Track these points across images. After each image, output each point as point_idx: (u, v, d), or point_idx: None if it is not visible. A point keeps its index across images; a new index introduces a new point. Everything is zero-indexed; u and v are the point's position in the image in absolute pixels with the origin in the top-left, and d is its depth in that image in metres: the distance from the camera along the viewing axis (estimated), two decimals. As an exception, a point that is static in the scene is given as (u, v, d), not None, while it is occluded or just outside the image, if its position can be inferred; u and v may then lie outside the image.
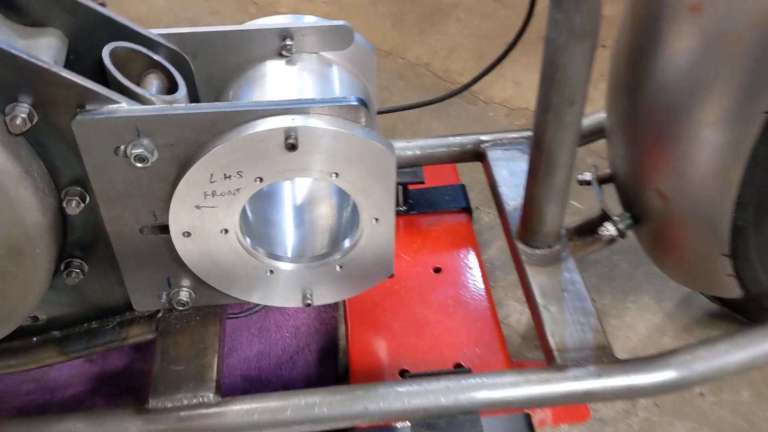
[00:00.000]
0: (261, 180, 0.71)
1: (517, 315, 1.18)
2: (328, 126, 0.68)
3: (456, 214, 1.18)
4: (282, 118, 0.68)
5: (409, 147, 1.12)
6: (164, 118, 0.67)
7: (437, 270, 1.10)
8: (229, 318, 1.12)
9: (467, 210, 1.19)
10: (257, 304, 1.14)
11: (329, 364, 1.07)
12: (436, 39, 1.91)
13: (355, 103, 0.69)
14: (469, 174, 1.35)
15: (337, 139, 0.68)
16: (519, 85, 1.72)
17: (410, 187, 1.18)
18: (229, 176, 0.70)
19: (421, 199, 1.19)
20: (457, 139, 1.13)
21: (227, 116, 0.67)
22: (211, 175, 0.70)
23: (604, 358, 0.82)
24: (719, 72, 0.68)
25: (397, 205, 1.17)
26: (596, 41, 0.73)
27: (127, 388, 1.04)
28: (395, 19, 2.00)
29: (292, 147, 0.67)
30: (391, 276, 0.82)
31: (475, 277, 1.08)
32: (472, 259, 1.11)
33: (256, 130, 0.67)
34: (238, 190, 0.71)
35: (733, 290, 0.86)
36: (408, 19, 2.00)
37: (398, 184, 1.13)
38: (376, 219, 0.76)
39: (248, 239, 0.77)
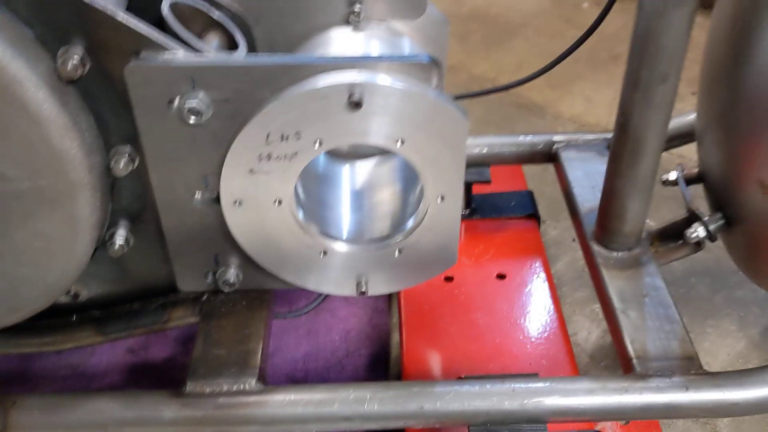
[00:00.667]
0: (320, 144, 0.65)
1: (585, 333, 1.09)
2: (397, 84, 0.62)
3: (523, 221, 1.10)
4: (347, 73, 0.62)
5: (476, 144, 1.06)
6: (221, 69, 0.62)
7: (501, 276, 1.02)
8: (276, 318, 1.06)
9: (535, 216, 1.11)
10: (306, 306, 1.08)
11: (380, 371, 1.00)
12: (503, 56, 1.86)
13: (426, 61, 0.63)
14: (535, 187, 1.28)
15: (405, 100, 0.62)
16: (590, 102, 1.65)
17: (474, 191, 1.11)
18: (287, 137, 0.64)
19: (486, 203, 1.12)
20: (528, 138, 1.06)
21: (287, 69, 0.62)
22: (268, 134, 0.64)
23: (691, 369, 0.73)
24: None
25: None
26: (695, 6, 0.66)
27: (168, 382, 0.98)
28: (460, 37, 1.96)
29: (356, 105, 0.62)
30: (454, 263, 0.75)
31: (542, 285, 0.99)
32: (538, 267, 1.03)
33: (318, 85, 0.62)
34: (295, 154, 0.66)
35: (842, 303, 0.76)
36: (474, 37, 1.96)
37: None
38: (442, 197, 0.69)
39: (303, 214, 0.71)
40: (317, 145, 0.65)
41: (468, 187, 1.09)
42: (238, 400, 0.72)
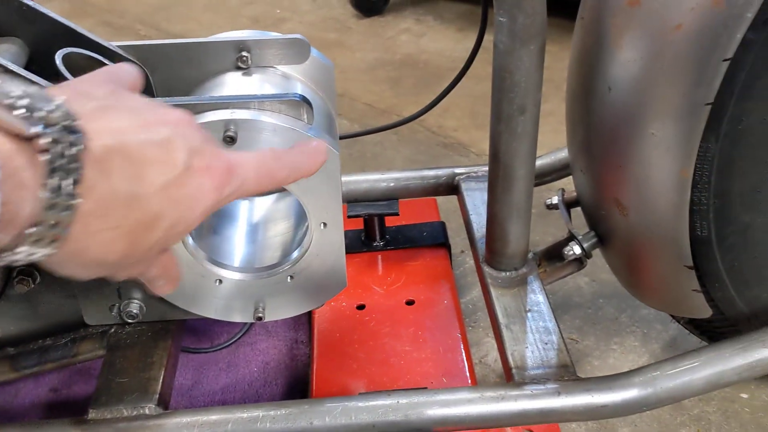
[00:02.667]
0: (203, 177, 0.70)
1: (494, 354, 1.14)
2: (268, 119, 0.68)
3: (434, 249, 1.16)
4: (221, 111, 0.68)
5: (383, 179, 1.12)
6: (106, 111, 0.68)
7: (410, 302, 1.07)
8: (196, 353, 1.09)
9: (445, 245, 1.17)
10: (227, 340, 1.12)
11: (296, 398, 1.04)
12: (431, 99, 1.94)
13: (296, 98, 0.69)
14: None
15: (277, 134, 0.68)
16: (511, 139, 1.73)
17: (389, 224, 1.17)
18: (171, 172, 0.70)
19: (399, 234, 1.18)
20: (432, 172, 1.12)
21: (168, 110, 0.68)
22: (153, 170, 0.70)
23: (565, 376, 0.78)
24: (661, 64, 0.67)
25: (375, 240, 1.16)
26: (543, 43, 0.73)
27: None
28: (393, 83, 2.05)
29: (231, 140, 0.67)
30: (344, 287, 0.80)
31: (447, 309, 1.05)
32: (446, 292, 1.08)
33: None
34: (181, 188, 0.71)
35: (702, 309, 0.82)
36: (405, 83, 2.05)
37: (373, 216, 1.12)
38: (324, 224, 0.75)
39: (196, 245, 0.76)
40: (200, 179, 0.70)
41: (381, 219, 1.15)
42: (138, 424, 0.75)
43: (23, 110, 0.38)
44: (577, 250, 0.88)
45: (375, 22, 2.43)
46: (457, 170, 1.12)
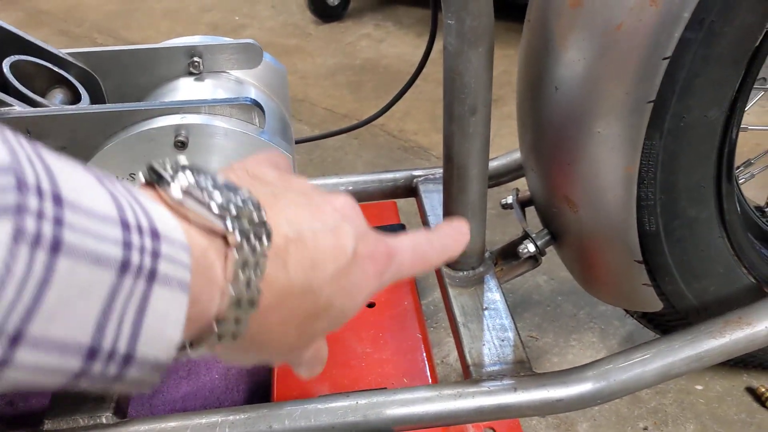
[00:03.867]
0: (155, 183, 0.70)
1: (456, 353, 1.15)
2: (219, 123, 0.68)
3: (392, 252, 1.17)
4: (172, 116, 0.68)
5: (341, 183, 1.12)
6: (54, 118, 0.67)
7: (371, 305, 1.08)
8: (158, 361, 1.09)
9: (404, 248, 1.17)
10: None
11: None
12: (392, 103, 1.95)
13: (247, 102, 0.69)
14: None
15: (228, 138, 0.69)
16: (470, 142, 1.75)
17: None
18: (121, 179, 0.69)
19: (358, 238, 1.18)
20: (390, 175, 1.13)
21: (117, 116, 0.68)
22: (104, 177, 0.69)
23: (521, 371, 0.80)
24: (604, 63, 0.69)
25: (333, 244, 1.16)
26: (491, 45, 0.75)
27: None
28: (353, 87, 2.06)
29: (182, 145, 0.68)
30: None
31: (408, 311, 1.06)
32: (407, 294, 1.09)
33: (146, 128, 0.67)
34: (133, 194, 0.71)
35: (653, 303, 0.84)
36: (365, 87, 2.06)
37: (331, 220, 1.13)
38: (279, 227, 0.75)
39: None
40: (153, 185, 0.70)
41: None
42: (94, 433, 0.75)
43: (218, 207, 0.36)
44: (532, 248, 0.89)
45: (335, 27, 2.43)
46: (415, 172, 1.13)
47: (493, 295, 0.90)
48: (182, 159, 0.39)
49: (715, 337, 0.78)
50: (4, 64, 0.73)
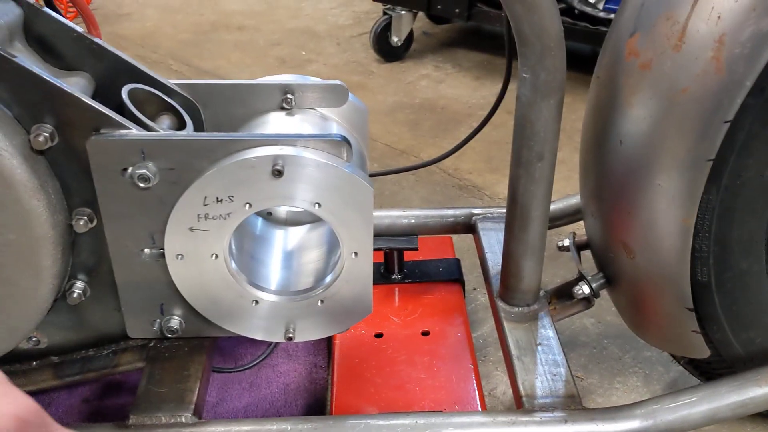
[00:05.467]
0: (250, 205, 0.78)
1: (503, 387, 1.20)
2: (312, 156, 0.75)
3: (449, 285, 1.23)
4: (271, 147, 0.76)
5: (404, 216, 1.19)
6: (166, 142, 0.76)
7: (425, 333, 1.13)
8: (221, 372, 1.16)
9: (460, 281, 1.23)
10: (251, 361, 1.18)
11: (314, 420, 1.09)
12: (449, 143, 2.03)
13: (338, 138, 0.77)
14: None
15: (319, 169, 0.76)
16: (524, 184, 1.81)
17: (407, 258, 1.24)
18: (221, 200, 0.77)
19: (417, 269, 1.25)
20: (451, 211, 1.20)
21: (222, 144, 0.76)
22: (205, 197, 0.77)
23: (572, 405, 0.84)
24: (669, 123, 0.74)
25: (393, 273, 1.23)
26: (561, 97, 0.81)
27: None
28: (411, 125, 2.14)
29: (278, 173, 0.75)
30: (370, 313, 0.87)
31: (460, 340, 1.11)
32: (459, 325, 1.14)
33: (247, 156, 0.75)
34: (228, 214, 0.78)
35: (701, 350, 0.88)
36: (423, 126, 2.14)
37: (393, 250, 1.19)
38: (356, 253, 0.82)
39: (237, 268, 0.83)
40: (247, 206, 0.78)
41: (400, 253, 1.22)
42: (175, 431, 0.81)
43: None
44: (586, 289, 0.94)
45: (396, 67, 2.53)
46: (475, 211, 1.19)
47: (546, 331, 0.95)
48: None
49: (761, 385, 0.82)
50: (123, 92, 0.82)
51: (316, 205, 0.78)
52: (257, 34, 2.85)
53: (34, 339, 0.92)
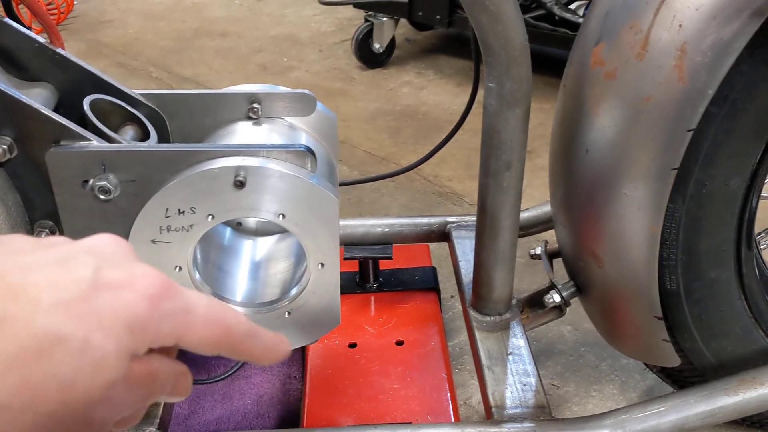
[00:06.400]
0: (213, 217, 0.77)
1: (479, 396, 1.19)
2: (275, 167, 0.74)
3: (424, 293, 1.22)
4: (233, 158, 0.75)
5: (378, 224, 1.18)
6: (126, 154, 0.74)
7: (399, 343, 1.13)
8: (195, 384, 1.14)
9: (435, 290, 1.22)
10: (224, 373, 1.17)
11: None
12: (430, 149, 2.02)
13: (301, 149, 0.76)
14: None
15: (282, 180, 0.75)
16: (503, 191, 1.80)
17: (382, 267, 1.23)
18: (183, 212, 0.76)
19: (392, 278, 1.24)
20: (425, 220, 1.19)
21: (184, 155, 0.75)
22: (167, 209, 0.76)
23: (541, 416, 0.84)
24: (634, 132, 0.74)
25: (368, 282, 1.22)
26: (528, 107, 0.81)
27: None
28: (392, 132, 2.13)
29: (240, 184, 0.74)
30: (338, 324, 0.86)
31: (435, 350, 1.10)
32: (434, 334, 1.13)
33: (209, 167, 0.74)
34: (191, 226, 0.77)
35: (671, 358, 0.88)
36: (404, 133, 2.13)
37: (367, 259, 1.18)
38: (322, 264, 0.81)
39: (201, 279, 0.82)
40: (210, 218, 0.77)
41: (375, 262, 1.21)
42: (138, 446, 0.80)
43: None
44: (557, 298, 0.94)
45: (378, 73, 2.52)
46: (449, 219, 1.19)
47: (518, 341, 0.94)
48: None
49: (729, 394, 0.82)
50: (85, 103, 0.81)
51: (281, 216, 0.77)
52: (240, 41, 2.84)
53: None
